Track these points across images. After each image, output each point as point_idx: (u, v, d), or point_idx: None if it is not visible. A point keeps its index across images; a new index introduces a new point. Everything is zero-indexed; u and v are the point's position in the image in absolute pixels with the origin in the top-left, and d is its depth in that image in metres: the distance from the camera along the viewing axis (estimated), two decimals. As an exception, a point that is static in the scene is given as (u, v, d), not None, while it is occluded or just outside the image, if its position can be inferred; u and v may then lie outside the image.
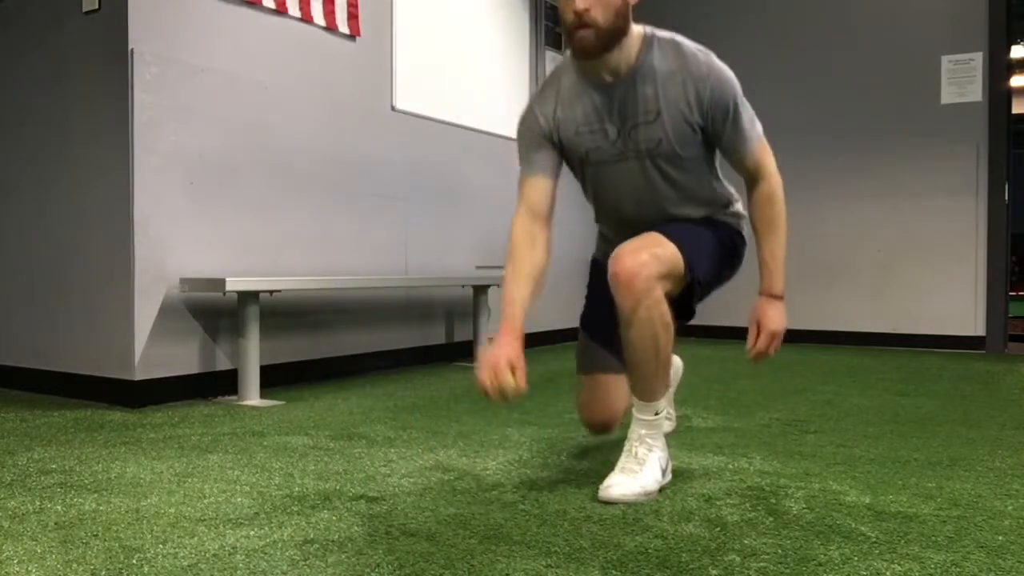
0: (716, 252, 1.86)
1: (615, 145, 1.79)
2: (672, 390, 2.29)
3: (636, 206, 1.86)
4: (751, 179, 1.82)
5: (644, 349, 1.70)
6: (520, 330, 1.69)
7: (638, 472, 1.75)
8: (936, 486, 1.86)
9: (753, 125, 1.79)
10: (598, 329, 1.96)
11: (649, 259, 1.67)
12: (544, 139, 1.82)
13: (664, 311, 1.69)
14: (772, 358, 1.83)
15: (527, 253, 1.77)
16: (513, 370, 1.61)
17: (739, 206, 1.96)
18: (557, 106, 1.81)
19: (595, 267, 2.06)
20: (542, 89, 1.86)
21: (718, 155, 1.88)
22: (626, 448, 1.81)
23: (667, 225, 1.81)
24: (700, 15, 6.10)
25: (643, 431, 1.79)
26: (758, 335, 1.79)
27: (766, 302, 1.83)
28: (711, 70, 1.71)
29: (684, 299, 1.78)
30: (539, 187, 1.81)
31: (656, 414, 1.79)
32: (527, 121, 1.85)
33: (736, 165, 1.81)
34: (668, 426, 2.25)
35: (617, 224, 1.94)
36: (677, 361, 2.29)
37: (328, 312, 3.66)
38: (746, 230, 1.95)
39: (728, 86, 1.72)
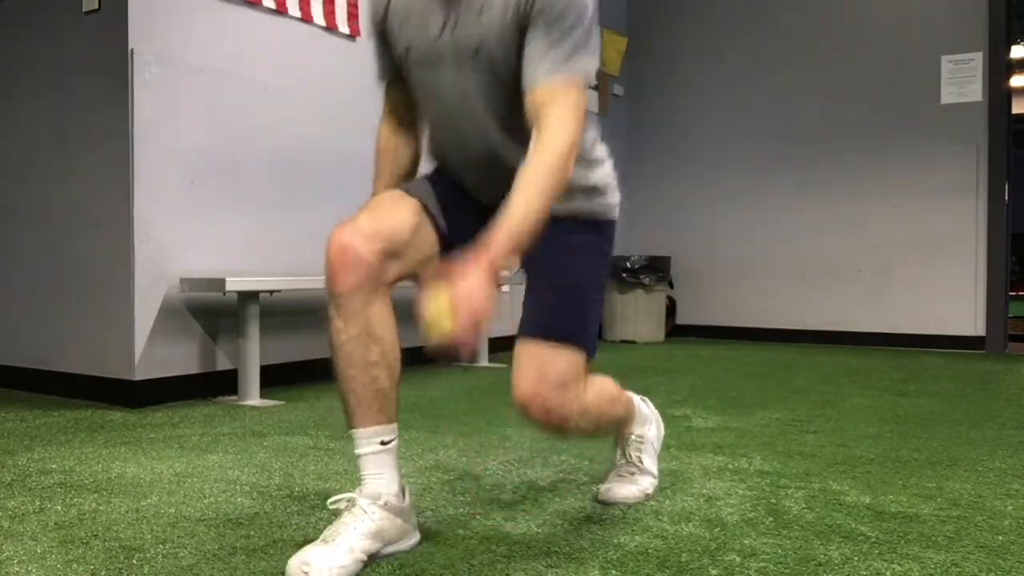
0: (596, 306, 1.52)
1: (435, 43, 1.40)
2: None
3: (465, 150, 1.47)
4: (536, 126, 1.29)
5: (597, 436, 1.72)
6: None
7: (636, 473, 1.75)
8: (936, 486, 1.86)
9: (574, 54, 1.30)
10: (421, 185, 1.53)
11: (558, 400, 1.38)
12: (380, 34, 1.51)
13: (595, 415, 1.51)
14: (774, 357, 1.82)
15: (390, 159, 1.57)
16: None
17: (604, 165, 1.54)
18: None
19: (436, 175, 1.57)
20: None
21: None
22: (620, 450, 1.81)
23: (543, 289, 1.47)
24: (701, 15, 6.11)
25: (636, 433, 1.79)
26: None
27: (472, 264, 1.20)
28: None
29: None
30: (397, 91, 1.55)
31: (634, 420, 1.78)
32: (369, 14, 1.53)
33: (526, 99, 1.32)
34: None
35: (457, 169, 1.52)
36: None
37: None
38: (617, 198, 1.58)
39: None
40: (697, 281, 6.07)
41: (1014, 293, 7.35)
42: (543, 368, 1.38)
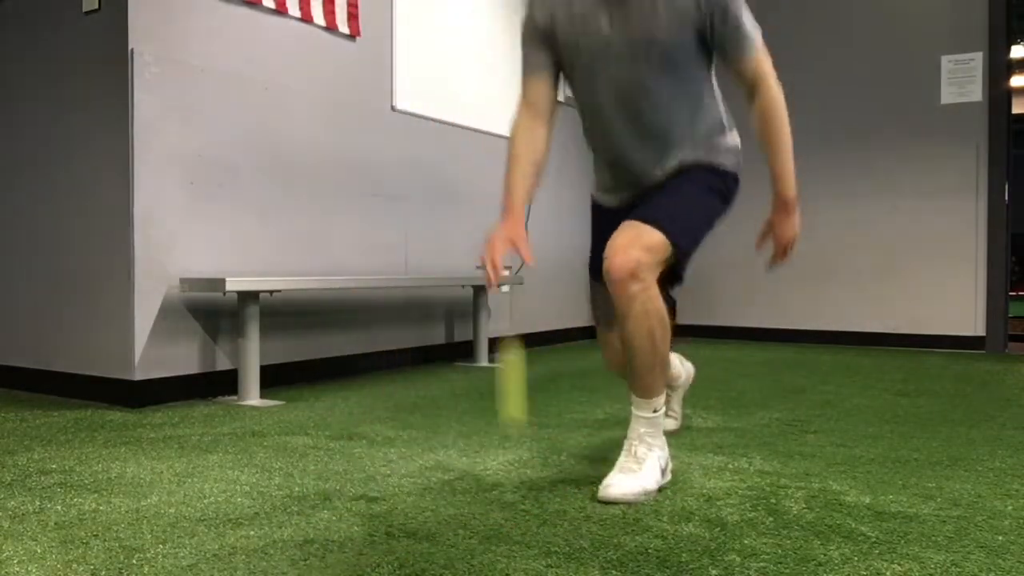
0: (700, 212, 1.84)
1: (608, 39, 1.74)
2: (684, 391, 2.41)
3: (626, 124, 1.81)
4: (750, 89, 1.77)
5: (641, 344, 1.72)
6: (521, 214, 1.77)
7: (638, 471, 1.75)
8: (936, 486, 1.86)
9: (755, 30, 1.74)
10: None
11: (639, 255, 1.68)
12: (542, 36, 1.81)
13: (659, 306, 1.72)
14: (774, 357, 1.84)
15: (527, 145, 1.82)
16: (517, 243, 1.72)
17: (735, 136, 1.93)
18: (556, 1, 1.79)
19: (595, 208, 2.06)
20: None
21: (714, 71, 1.85)
22: (625, 447, 1.81)
23: (652, 199, 1.81)
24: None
25: (643, 429, 1.79)
26: (775, 248, 1.90)
27: (779, 211, 1.86)
28: None
29: (673, 268, 1.82)
30: (539, 85, 1.84)
31: (655, 411, 1.79)
32: (527, 20, 1.83)
33: (735, 74, 1.77)
34: (672, 424, 2.32)
35: (605, 151, 1.90)
36: (689, 366, 2.37)
37: (328, 312, 3.66)
38: (740, 161, 1.94)
39: None
40: (697, 281, 6.07)
41: (1014, 293, 7.34)
42: (640, 238, 1.70)
